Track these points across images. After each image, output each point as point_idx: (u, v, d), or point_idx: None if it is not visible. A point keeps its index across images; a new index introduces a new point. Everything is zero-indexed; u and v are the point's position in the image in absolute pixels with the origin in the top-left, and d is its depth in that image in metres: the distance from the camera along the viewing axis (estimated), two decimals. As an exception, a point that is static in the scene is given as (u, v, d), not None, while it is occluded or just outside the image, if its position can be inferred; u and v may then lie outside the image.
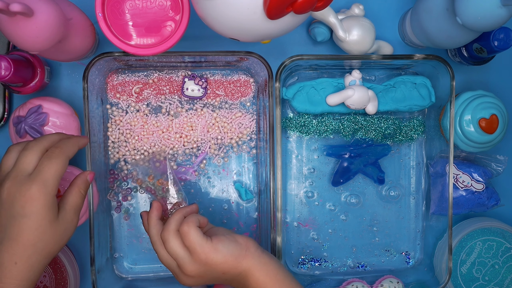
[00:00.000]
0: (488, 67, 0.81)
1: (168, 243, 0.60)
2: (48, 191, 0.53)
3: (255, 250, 0.61)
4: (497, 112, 0.74)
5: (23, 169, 0.53)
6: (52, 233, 0.54)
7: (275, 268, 0.61)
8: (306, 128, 0.76)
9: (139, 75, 0.75)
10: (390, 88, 0.76)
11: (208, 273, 0.60)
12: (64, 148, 0.56)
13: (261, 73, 0.72)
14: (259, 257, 0.61)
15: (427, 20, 0.68)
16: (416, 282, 0.78)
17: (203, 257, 0.58)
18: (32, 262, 0.53)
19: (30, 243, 0.52)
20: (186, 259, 0.59)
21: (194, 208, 0.66)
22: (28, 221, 0.52)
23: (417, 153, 0.81)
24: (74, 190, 0.58)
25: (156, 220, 0.64)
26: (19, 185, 0.52)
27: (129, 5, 0.57)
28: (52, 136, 0.58)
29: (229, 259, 0.59)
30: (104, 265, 0.72)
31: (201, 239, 0.59)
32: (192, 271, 0.59)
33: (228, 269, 0.60)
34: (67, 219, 0.56)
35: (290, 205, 0.79)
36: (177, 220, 0.61)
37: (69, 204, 0.57)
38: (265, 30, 0.52)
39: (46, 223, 0.53)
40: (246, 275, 0.60)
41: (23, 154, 0.54)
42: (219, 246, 0.59)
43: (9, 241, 0.52)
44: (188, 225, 0.59)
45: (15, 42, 0.54)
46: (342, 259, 0.81)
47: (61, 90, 0.75)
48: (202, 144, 0.76)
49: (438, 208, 0.77)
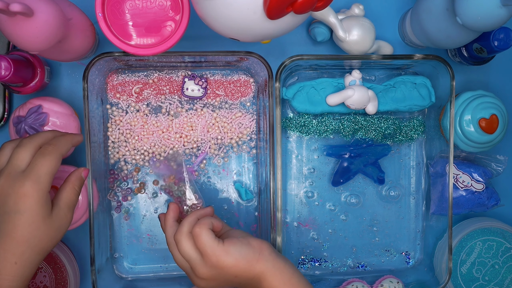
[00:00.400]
0: (488, 67, 0.81)
1: (181, 245, 0.60)
2: (41, 188, 0.53)
3: (269, 253, 0.60)
4: (497, 112, 0.74)
5: (17, 165, 0.54)
6: (45, 229, 0.54)
7: (289, 273, 0.60)
8: (306, 128, 0.76)
9: (139, 75, 0.75)
10: (390, 88, 0.76)
11: (220, 276, 0.59)
12: (58, 145, 0.56)
13: (261, 73, 0.72)
14: (273, 260, 0.60)
15: (427, 20, 0.68)
16: (416, 282, 0.78)
17: (214, 259, 0.58)
18: (25, 258, 0.53)
19: (24, 239, 0.52)
20: (198, 261, 0.59)
21: (209, 210, 0.65)
22: (22, 217, 0.52)
23: (417, 153, 0.81)
24: (68, 187, 0.58)
25: (172, 221, 0.64)
26: (12, 182, 0.53)
27: (129, 5, 0.57)
28: (46, 133, 0.58)
29: (241, 262, 0.59)
30: (104, 265, 0.72)
31: (213, 241, 0.58)
32: (204, 273, 0.59)
33: (240, 272, 0.59)
34: (61, 215, 0.56)
35: (290, 205, 0.79)
36: (190, 222, 0.61)
37: (63, 200, 0.57)
38: (265, 30, 0.52)
39: (39, 219, 0.53)
40: (259, 279, 0.60)
41: (17, 151, 0.55)
42: (230, 249, 0.59)
43: (3, 237, 0.52)
44: (200, 227, 0.59)
45: (15, 42, 0.54)
46: (342, 259, 0.81)
47: (61, 90, 0.75)
48: (202, 144, 0.76)
49: (438, 208, 0.77)
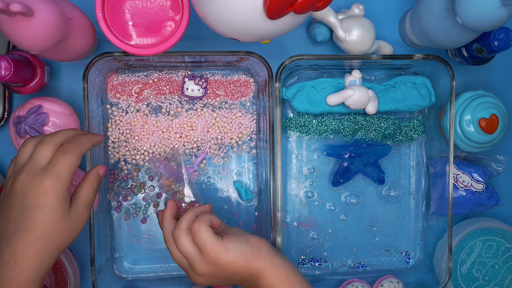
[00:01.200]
0: (488, 67, 0.81)
1: (179, 241, 0.60)
2: (61, 185, 0.53)
3: (268, 251, 0.61)
4: (497, 112, 0.74)
5: (38, 162, 0.54)
6: (64, 225, 0.54)
7: (287, 270, 0.61)
8: (306, 128, 0.76)
9: (139, 75, 0.75)
10: (390, 88, 0.76)
11: (219, 272, 0.60)
12: (79, 143, 0.56)
13: (261, 73, 0.72)
14: (271, 258, 0.61)
15: (427, 20, 0.68)
16: (416, 282, 0.78)
17: (213, 256, 0.58)
18: (44, 253, 0.54)
19: (43, 235, 0.53)
20: (196, 258, 0.59)
21: (207, 207, 0.66)
22: (41, 213, 0.53)
23: (417, 153, 0.81)
24: (86, 184, 0.58)
25: (170, 218, 0.64)
26: (33, 178, 0.53)
27: (129, 5, 0.57)
28: (67, 132, 0.58)
29: (239, 259, 0.59)
30: (104, 265, 0.72)
31: (212, 237, 0.59)
32: (202, 270, 0.59)
33: (238, 269, 0.59)
34: (78, 212, 0.56)
35: (290, 205, 0.79)
36: (188, 219, 0.61)
37: (81, 197, 0.57)
38: (265, 30, 0.52)
39: (58, 216, 0.54)
40: (257, 276, 0.60)
41: (38, 147, 0.55)
42: (229, 245, 0.59)
43: (22, 232, 0.53)
44: (199, 224, 0.59)
45: (15, 42, 0.54)
46: (342, 259, 0.81)
47: (61, 90, 0.75)
48: (202, 144, 0.76)
49: (438, 208, 0.77)
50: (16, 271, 0.53)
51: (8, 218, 0.54)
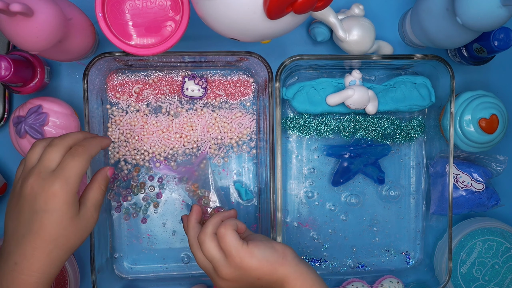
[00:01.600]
0: (488, 67, 0.81)
1: (205, 245, 0.60)
2: (70, 188, 0.53)
3: (293, 258, 0.61)
4: (497, 112, 0.74)
5: (47, 165, 0.54)
6: (73, 229, 0.54)
7: (311, 279, 0.60)
8: (306, 128, 0.76)
9: (139, 75, 0.75)
10: (390, 88, 0.76)
11: (243, 277, 0.60)
12: (88, 147, 0.56)
13: (261, 73, 0.72)
14: (296, 265, 0.60)
15: (427, 20, 0.68)
16: (416, 282, 0.78)
17: (238, 260, 0.58)
18: (53, 256, 0.54)
19: (52, 238, 0.53)
20: (221, 262, 0.59)
21: (233, 213, 0.66)
22: (50, 217, 0.53)
23: (417, 153, 0.81)
24: (95, 186, 0.58)
25: (195, 223, 0.65)
26: (42, 181, 0.53)
27: (129, 5, 0.57)
28: (76, 134, 0.58)
29: (264, 264, 0.59)
30: (104, 265, 0.72)
31: (237, 242, 0.59)
32: (227, 275, 0.59)
33: (263, 275, 0.59)
34: (87, 215, 0.56)
35: (290, 205, 0.79)
36: (214, 223, 0.61)
37: (90, 200, 0.57)
38: (265, 30, 0.52)
39: (67, 219, 0.54)
40: (282, 283, 0.60)
41: (47, 150, 0.55)
42: (255, 251, 0.59)
43: (31, 235, 0.53)
44: (225, 228, 0.59)
45: (15, 42, 0.54)
46: (342, 259, 0.81)
47: (61, 90, 0.75)
48: (202, 144, 0.76)
49: (438, 208, 0.77)
50: (25, 274, 0.53)
51: (17, 221, 0.54)
